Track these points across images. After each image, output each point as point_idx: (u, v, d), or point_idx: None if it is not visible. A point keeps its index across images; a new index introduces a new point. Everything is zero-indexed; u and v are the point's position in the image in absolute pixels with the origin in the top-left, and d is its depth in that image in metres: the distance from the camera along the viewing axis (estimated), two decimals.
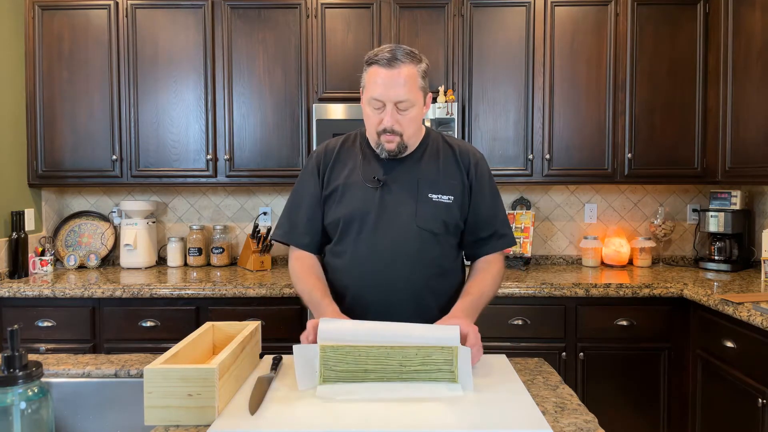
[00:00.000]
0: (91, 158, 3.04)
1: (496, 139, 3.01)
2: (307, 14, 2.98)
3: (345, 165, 1.62)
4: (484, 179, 1.63)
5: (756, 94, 2.62)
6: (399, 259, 1.53)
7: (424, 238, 1.55)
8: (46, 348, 2.64)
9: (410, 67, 1.49)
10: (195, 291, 2.66)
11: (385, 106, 1.48)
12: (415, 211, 1.55)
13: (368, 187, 1.57)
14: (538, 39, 2.97)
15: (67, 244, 3.30)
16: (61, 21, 3.01)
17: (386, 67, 1.46)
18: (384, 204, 1.55)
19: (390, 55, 1.47)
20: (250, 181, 3.07)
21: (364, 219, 1.55)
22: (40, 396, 1.00)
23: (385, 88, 1.46)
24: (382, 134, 1.51)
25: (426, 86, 1.55)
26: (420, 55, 1.55)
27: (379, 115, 1.50)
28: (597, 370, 2.66)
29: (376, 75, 1.47)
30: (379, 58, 1.48)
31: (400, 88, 1.46)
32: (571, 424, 1.10)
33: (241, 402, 1.18)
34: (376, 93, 1.47)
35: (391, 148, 1.53)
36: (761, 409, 2.07)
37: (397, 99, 1.47)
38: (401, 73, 1.46)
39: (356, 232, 1.56)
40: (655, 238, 3.23)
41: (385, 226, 1.54)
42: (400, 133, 1.51)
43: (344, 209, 1.57)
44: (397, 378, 1.27)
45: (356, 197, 1.57)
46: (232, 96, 3.02)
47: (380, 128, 1.50)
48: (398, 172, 1.58)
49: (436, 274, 1.58)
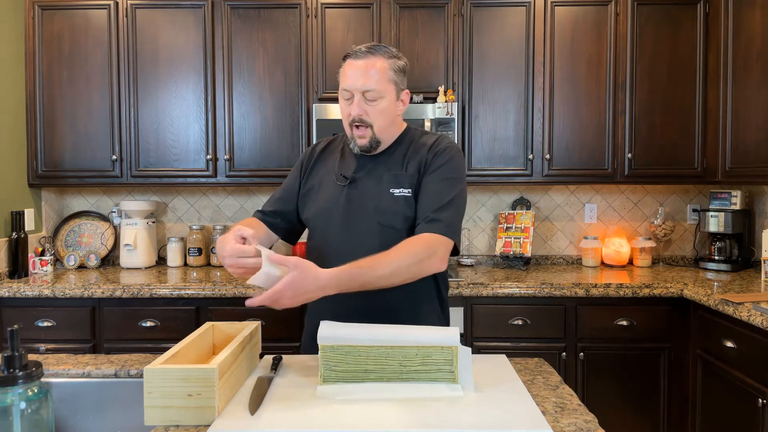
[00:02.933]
0: (91, 158, 3.04)
1: (496, 139, 3.01)
2: (307, 14, 2.98)
3: (325, 164, 1.66)
4: (440, 166, 1.54)
5: (756, 94, 2.62)
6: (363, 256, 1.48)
7: (387, 235, 1.52)
8: (46, 348, 2.64)
9: (381, 59, 1.51)
10: (195, 291, 2.66)
11: (353, 96, 1.50)
12: (377, 207, 1.54)
13: (338, 184, 1.59)
14: (538, 39, 2.97)
15: (67, 244, 3.30)
16: (61, 21, 3.01)
17: (356, 59, 1.50)
18: (349, 201, 1.56)
19: (365, 49, 1.51)
20: (250, 181, 3.07)
21: (331, 217, 1.57)
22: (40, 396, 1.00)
23: (353, 78, 1.49)
24: (353, 126, 1.52)
25: (399, 82, 1.55)
26: (398, 53, 1.56)
27: (349, 106, 1.52)
28: (597, 370, 2.66)
29: (346, 67, 1.51)
30: (353, 51, 1.51)
31: (367, 77, 1.48)
32: (571, 424, 1.10)
33: (241, 402, 1.18)
34: (345, 83, 1.50)
35: (363, 143, 1.53)
36: (761, 409, 2.07)
37: (364, 88, 1.48)
38: (370, 64, 1.49)
39: (323, 229, 1.59)
40: (655, 238, 3.23)
41: (349, 224, 1.55)
42: (370, 124, 1.52)
43: (314, 207, 1.62)
44: (397, 378, 1.27)
45: (325, 195, 1.60)
46: (232, 96, 3.02)
47: (350, 119, 1.52)
48: (368, 168, 1.59)
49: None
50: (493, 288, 2.64)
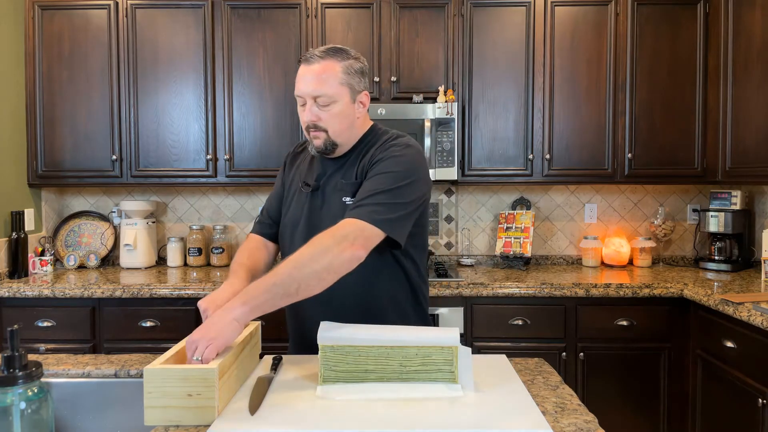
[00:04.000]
0: (90, 158, 3.04)
1: (496, 139, 3.01)
2: (307, 14, 2.98)
3: (298, 169, 1.65)
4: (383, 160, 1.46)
5: (756, 94, 2.62)
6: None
7: None
8: (46, 348, 2.64)
9: (330, 62, 1.45)
10: (195, 291, 2.66)
11: (306, 101, 1.47)
12: (333, 216, 1.45)
13: (303, 192, 1.58)
14: (538, 39, 2.97)
15: (67, 244, 3.30)
16: (61, 21, 3.01)
17: (308, 64, 1.47)
18: (312, 209, 1.54)
19: (316, 53, 1.47)
20: (250, 181, 3.07)
21: (296, 225, 1.56)
22: (40, 396, 1.00)
23: (304, 83, 1.46)
24: (308, 130, 1.50)
25: (355, 84, 1.48)
26: (356, 55, 1.50)
27: (302, 111, 1.50)
28: (597, 370, 2.66)
29: (299, 73, 1.48)
30: (304, 57, 1.49)
31: (317, 82, 1.44)
32: (571, 424, 1.10)
33: (241, 402, 1.18)
34: (297, 89, 1.48)
35: (318, 144, 1.50)
36: (761, 409, 2.07)
37: (314, 93, 1.45)
38: (321, 69, 1.45)
39: (290, 237, 1.57)
40: (655, 238, 3.23)
41: (310, 233, 1.45)
42: (324, 128, 1.48)
43: (285, 216, 1.62)
44: (397, 378, 1.26)
45: (294, 203, 1.60)
46: (232, 96, 3.02)
47: (304, 125, 1.51)
48: (330, 174, 1.55)
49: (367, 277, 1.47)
50: (493, 288, 2.64)
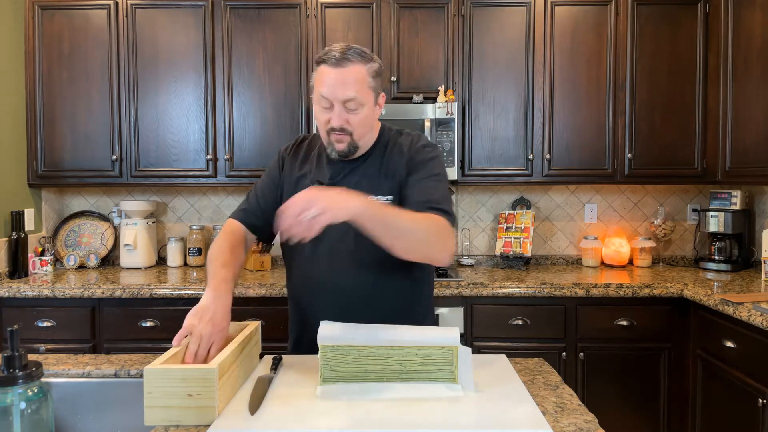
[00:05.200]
0: (90, 158, 3.04)
1: (496, 139, 3.01)
2: (307, 14, 2.98)
3: (302, 166, 1.62)
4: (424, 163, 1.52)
5: (756, 94, 2.62)
6: (339, 264, 1.50)
7: (364, 241, 1.44)
8: (46, 348, 2.64)
9: (359, 66, 1.45)
10: (195, 291, 2.66)
11: (333, 105, 1.46)
12: None
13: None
14: (538, 39, 2.97)
15: (67, 244, 3.30)
16: (61, 21, 3.01)
17: (334, 66, 1.44)
18: None
19: (339, 54, 1.44)
20: (250, 181, 3.07)
21: None
22: (40, 396, 1.00)
23: (333, 87, 1.44)
24: (331, 133, 1.49)
25: (377, 86, 1.51)
26: (372, 54, 1.51)
27: (327, 113, 1.47)
28: (597, 370, 2.66)
29: (323, 74, 1.45)
30: (327, 57, 1.45)
31: (347, 87, 1.43)
32: (571, 424, 1.10)
33: (241, 402, 1.18)
34: (324, 91, 1.45)
35: (342, 148, 1.50)
36: (761, 409, 2.07)
37: (344, 98, 1.44)
38: (349, 72, 1.44)
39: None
40: (655, 238, 3.23)
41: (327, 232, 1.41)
42: (350, 132, 1.48)
43: None
44: (397, 378, 1.26)
45: None
46: (232, 96, 3.02)
47: (328, 127, 1.48)
48: (344, 174, 1.55)
49: (382, 274, 1.51)
50: (493, 288, 2.64)
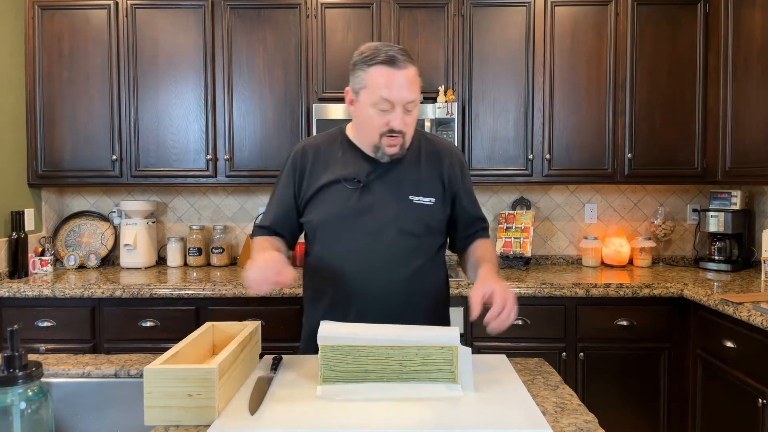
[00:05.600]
0: (90, 158, 3.04)
1: (496, 139, 3.01)
2: (307, 14, 2.98)
3: (326, 166, 1.59)
4: (467, 178, 1.65)
5: (756, 94, 2.62)
6: (379, 262, 1.51)
7: (406, 241, 1.52)
8: (46, 348, 2.64)
9: (413, 67, 1.47)
10: (195, 291, 2.66)
11: (394, 107, 1.44)
12: (396, 213, 1.52)
13: (348, 188, 1.54)
14: (538, 39, 2.97)
15: (67, 244, 3.30)
16: (61, 21, 3.01)
17: (395, 68, 1.43)
18: (364, 206, 1.52)
19: (400, 56, 1.44)
20: (250, 181, 3.07)
21: (343, 221, 1.53)
22: (40, 396, 1.00)
23: (397, 89, 1.42)
24: (386, 136, 1.47)
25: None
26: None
27: (386, 116, 1.45)
28: (597, 370, 2.66)
29: (386, 76, 1.43)
30: (382, 58, 1.43)
31: (412, 89, 1.44)
32: (571, 424, 1.10)
33: (241, 402, 1.18)
34: (386, 94, 1.42)
35: (395, 151, 1.50)
36: (761, 409, 2.07)
37: (408, 100, 1.44)
38: (410, 74, 1.45)
39: (335, 234, 1.54)
40: (655, 238, 3.23)
41: (364, 229, 1.51)
42: (404, 133, 1.49)
43: (324, 211, 1.55)
44: (397, 378, 1.27)
45: (336, 199, 1.54)
46: (232, 96, 3.02)
47: (385, 129, 1.47)
48: (379, 173, 1.55)
49: (418, 276, 1.55)
50: None
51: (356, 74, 1.49)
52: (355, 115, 1.56)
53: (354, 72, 1.49)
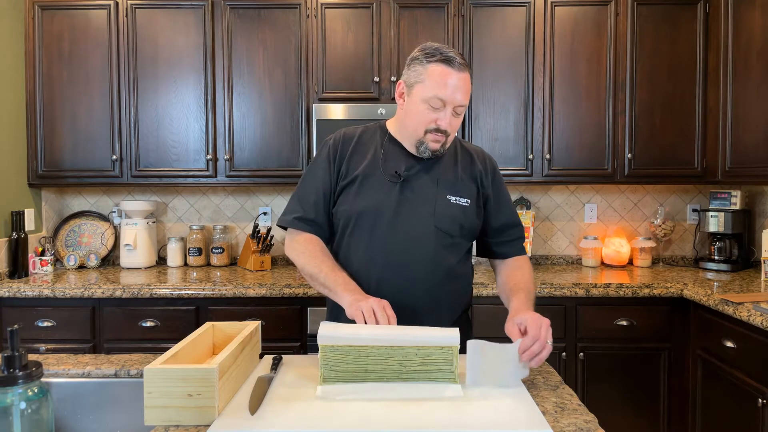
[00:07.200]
0: (90, 158, 3.04)
1: (496, 139, 3.01)
2: (307, 14, 2.98)
3: (364, 156, 1.58)
4: (503, 184, 1.69)
5: (756, 94, 2.62)
6: (415, 259, 1.51)
7: (441, 240, 1.53)
8: (46, 348, 2.64)
9: (468, 74, 1.50)
10: (195, 291, 2.66)
11: (445, 106, 1.47)
12: (433, 211, 1.53)
13: (387, 181, 1.54)
14: (538, 39, 2.97)
15: (67, 244, 3.30)
16: (61, 21, 3.01)
17: (457, 70, 1.45)
18: (402, 201, 1.53)
19: (461, 59, 1.47)
20: (250, 181, 3.07)
21: (381, 214, 1.52)
22: (40, 396, 1.00)
23: (454, 90, 1.45)
24: (431, 132, 1.49)
25: None
26: None
27: (435, 113, 1.47)
28: (597, 370, 2.66)
29: (443, 74, 1.45)
30: (445, 57, 1.46)
31: (466, 93, 1.48)
32: (571, 424, 1.10)
33: (241, 402, 1.18)
34: (441, 93, 1.45)
35: (437, 147, 1.52)
36: (761, 409, 2.07)
37: (461, 103, 1.47)
38: (467, 79, 1.48)
39: (371, 226, 1.53)
40: (655, 238, 3.23)
41: (401, 223, 1.52)
42: (448, 134, 1.51)
43: (361, 202, 1.54)
44: (397, 378, 1.27)
45: (374, 191, 1.53)
46: (232, 96, 3.02)
47: (431, 126, 1.49)
48: (418, 169, 1.56)
49: (450, 276, 1.56)
50: (493, 288, 2.64)
51: (414, 68, 1.50)
52: (403, 109, 1.55)
53: (411, 66, 1.51)
